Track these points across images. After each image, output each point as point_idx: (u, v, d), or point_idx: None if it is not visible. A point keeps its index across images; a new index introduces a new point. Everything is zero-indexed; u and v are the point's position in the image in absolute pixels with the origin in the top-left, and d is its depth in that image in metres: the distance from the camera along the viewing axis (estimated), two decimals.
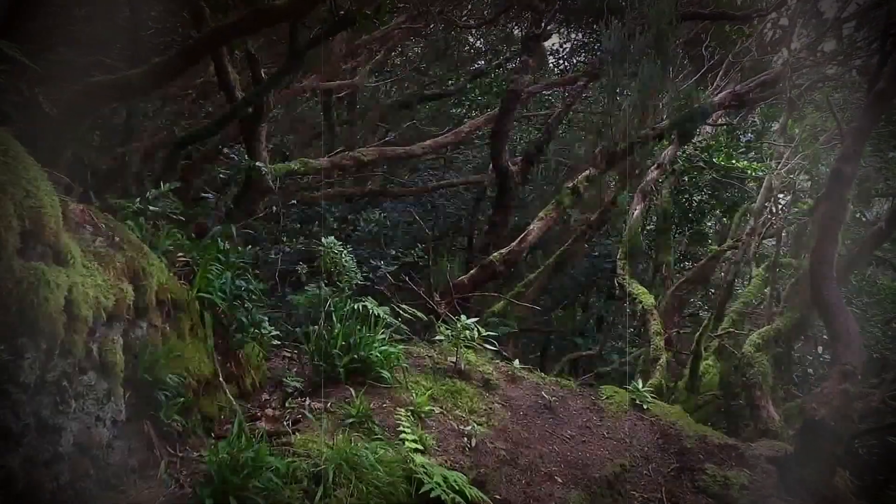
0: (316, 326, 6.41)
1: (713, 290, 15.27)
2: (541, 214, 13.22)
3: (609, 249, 15.79)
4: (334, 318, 6.60)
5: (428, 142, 15.15)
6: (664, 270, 14.25)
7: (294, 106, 17.33)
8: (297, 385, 6.13)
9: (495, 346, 7.94)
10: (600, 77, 15.01)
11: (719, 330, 9.77)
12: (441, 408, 6.58)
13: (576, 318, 17.27)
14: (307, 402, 5.83)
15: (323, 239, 6.90)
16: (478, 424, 6.46)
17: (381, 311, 6.74)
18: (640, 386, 8.37)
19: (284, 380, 6.21)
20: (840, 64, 11.02)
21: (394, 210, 15.18)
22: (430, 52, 19.25)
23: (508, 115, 13.12)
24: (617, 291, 16.59)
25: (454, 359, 7.50)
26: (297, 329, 6.80)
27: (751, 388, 8.43)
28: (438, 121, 19.48)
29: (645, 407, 8.04)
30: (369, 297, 7.31)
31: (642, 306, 10.80)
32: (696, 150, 15.00)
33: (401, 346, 7.12)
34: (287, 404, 5.76)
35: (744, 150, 13.68)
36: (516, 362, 8.51)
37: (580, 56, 17.93)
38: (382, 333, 6.75)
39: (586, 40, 17.29)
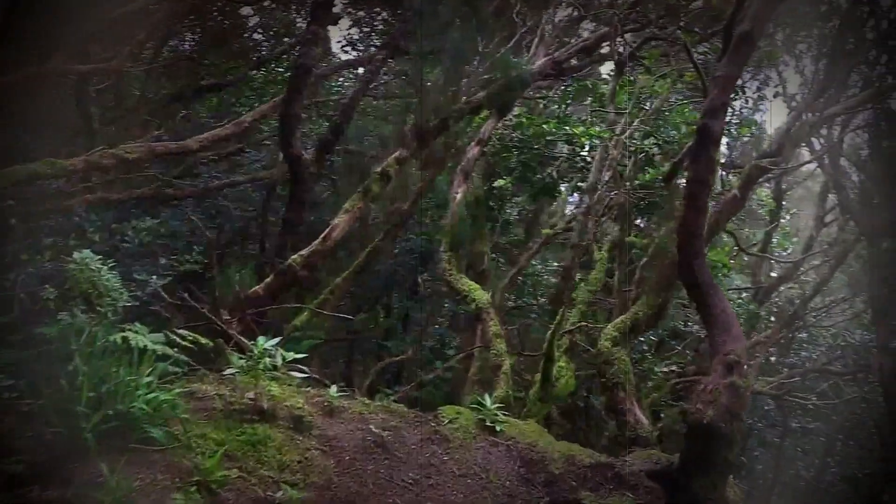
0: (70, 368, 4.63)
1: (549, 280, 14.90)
2: (346, 206, 11.87)
3: (413, 244, 14.89)
4: (78, 360, 4.78)
5: (205, 135, 13.16)
6: (482, 262, 13.52)
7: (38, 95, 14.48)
8: (17, 470, 4.21)
9: (305, 371, 6.46)
10: (402, 49, 14.03)
11: (567, 325, 9.08)
12: (240, 469, 5.01)
13: (380, 320, 16.33)
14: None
15: (75, 254, 5.72)
16: (291, 486, 5.00)
17: (149, 342, 5.04)
18: (489, 402, 7.32)
19: None
20: (669, 23, 10.94)
21: (172, 217, 13.14)
22: (207, 38, 17.15)
23: (298, 95, 11.57)
24: (422, 289, 15.99)
25: (253, 395, 5.88)
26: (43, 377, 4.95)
27: (612, 389, 7.76)
28: (222, 116, 17.56)
29: (497, 429, 7.11)
30: (136, 324, 5.57)
31: (475, 304, 9.85)
32: (506, 128, 14.46)
33: (178, 388, 5.37)
34: None
35: (561, 120, 13.25)
36: (333, 389, 7.13)
37: (378, 28, 16.93)
38: (151, 372, 5.01)
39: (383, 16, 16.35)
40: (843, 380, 12.76)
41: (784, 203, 14.87)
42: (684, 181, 7.04)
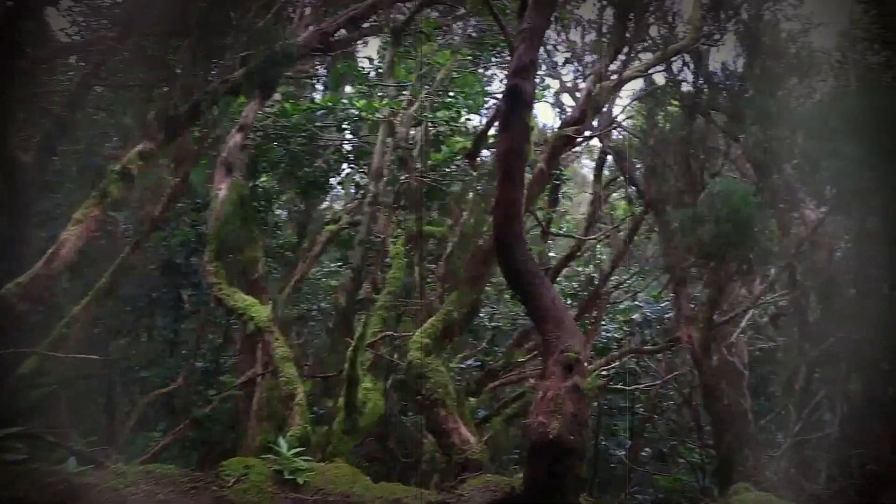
0: None
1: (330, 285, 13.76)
2: (76, 216, 9.83)
3: (171, 253, 13.17)
4: None
5: None
6: (257, 270, 12.12)
7: None
8: None
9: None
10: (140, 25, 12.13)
11: (369, 336, 8.03)
12: None
13: (140, 346, 14.50)
14: None
15: None
16: None
17: None
18: (284, 446, 6.11)
19: None
20: None
21: None
22: None
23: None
24: (188, 305, 14.28)
25: None
26: None
27: (431, 407, 6.85)
28: None
29: (300, 481, 5.87)
30: None
31: (254, 323, 8.48)
32: (269, 116, 13.12)
33: None
34: None
35: (332, 101, 12.19)
36: (71, 462, 5.51)
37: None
38: None
39: None
40: (651, 357, 13.08)
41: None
42: (495, 154, 6.31)
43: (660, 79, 11.56)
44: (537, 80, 9.46)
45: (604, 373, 11.00)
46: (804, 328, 11.21)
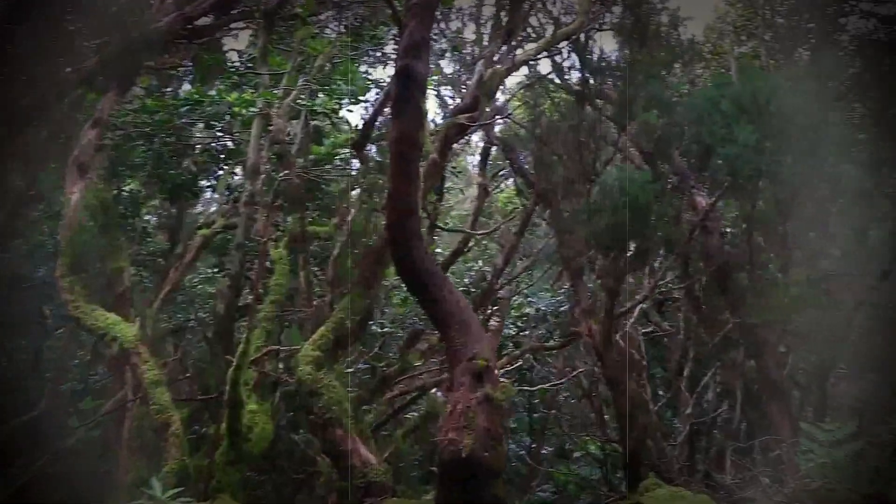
0: None
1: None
2: None
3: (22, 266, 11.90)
4: None
5: None
6: (122, 283, 11.04)
7: None
8: None
9: None
10: None
11: (252, 352, 7.25)
12: None
13: None
14: None
15: None
16: None
17: None
18: (158, 489, 5.37)
19: None
20: None
21: None
22: None
23: None
24: (50, 321, 12.95)
25: None
26: None
27: (325, 427, 6.22)
28: None
29: None
30: None
31: (120, 344, 7.53)
32: (127, 112, 11.96)
33: None
34: None
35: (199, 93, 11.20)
36: None
37: None
38: None
39: None
40: (552, 352, 12.87)
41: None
42: (387, 143, 5.73)
43: (548, 68, 11.33)
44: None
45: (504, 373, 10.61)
46: (699, 314, 11.28)
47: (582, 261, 11.00)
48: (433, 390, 9.74)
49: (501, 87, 9.94)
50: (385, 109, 8.10)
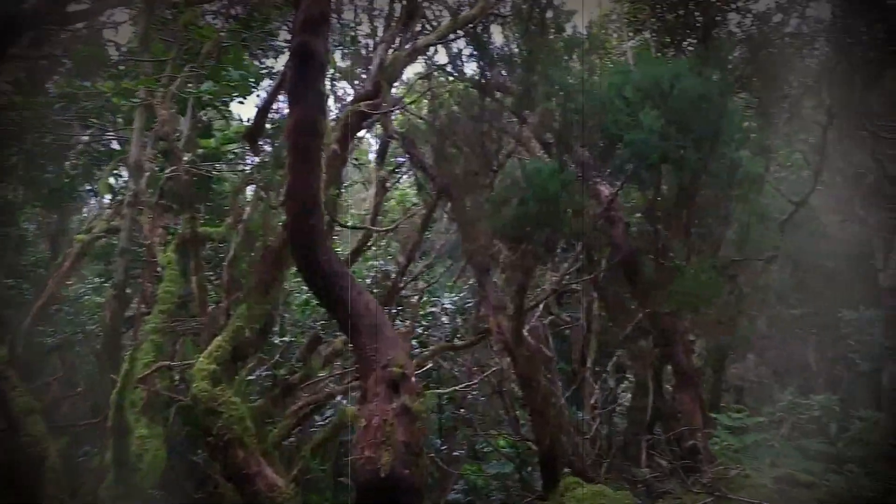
0: None
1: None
2: None
3: None
4: None
5: None
6: None
7: None
8: None
9: None
10: None
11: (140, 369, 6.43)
12: None
13: None
14: None
15: None
16: None
17: None
18: None
19: None
20: None
21: None
22: None
23: None
24: None
25: None
26: None
27: (226, 449, 5.54)
28: None
29: None
30: None
31: None
32: None
33: None
34: None
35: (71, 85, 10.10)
36: None
37: None
38: None
39: None
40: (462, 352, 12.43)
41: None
42: (284, 130, 5.09)
43: (446, 59, 10.89)
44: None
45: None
46: (605, 305, 11.11)
47: (487, 255, 10.64)
48: (339, 398, 9.09)
49: (401, 76, 9.41)
50: (280, 96, 7.42)
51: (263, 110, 7.14)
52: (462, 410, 12.27)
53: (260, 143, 7.85)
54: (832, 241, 14.26)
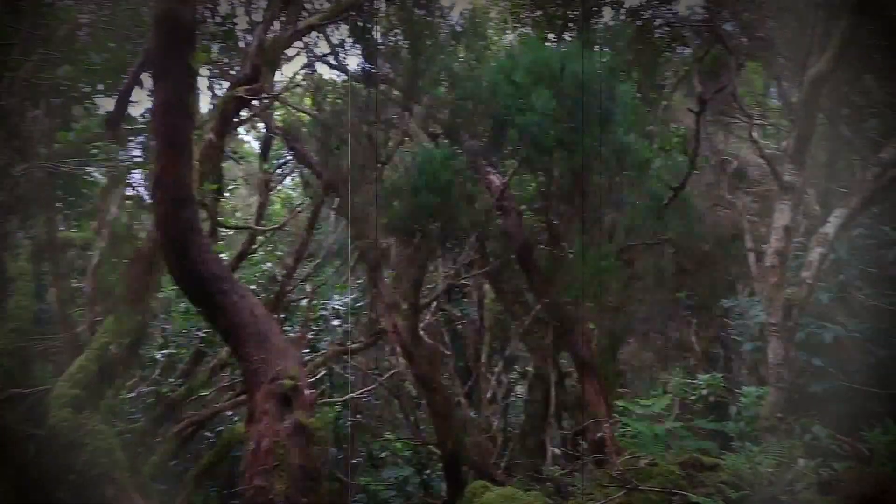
0: None
1: None
2: None
3: None
4: None
5: None
6: None
7: None
8: None
9: None
10: None
11: None
12: None
13: None
14: None
15: None
16: None
17: None
18: None
19: None
20: None
21: None
22: None
23: None
24: None
25: None
26: None
27: (94, 487, 4.71)
28: None
29: None
30: None
31: None
32: None
33: None
34: None
35: None
36: None
37: None
38: None
39: None
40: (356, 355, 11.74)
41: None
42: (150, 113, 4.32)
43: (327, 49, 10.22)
44: None
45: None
46: (502, 298, 10.77)
47: (379, 252, 10.09)
48: (230, 413, 8.24)
49: (282, 61, 8.63)
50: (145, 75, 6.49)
51: (125, 92, 6.24)
52: (359, 416, 11.63)
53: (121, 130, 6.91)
54: (705, 225, 14.57)
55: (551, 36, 12.45)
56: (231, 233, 13.82)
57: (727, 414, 10.66)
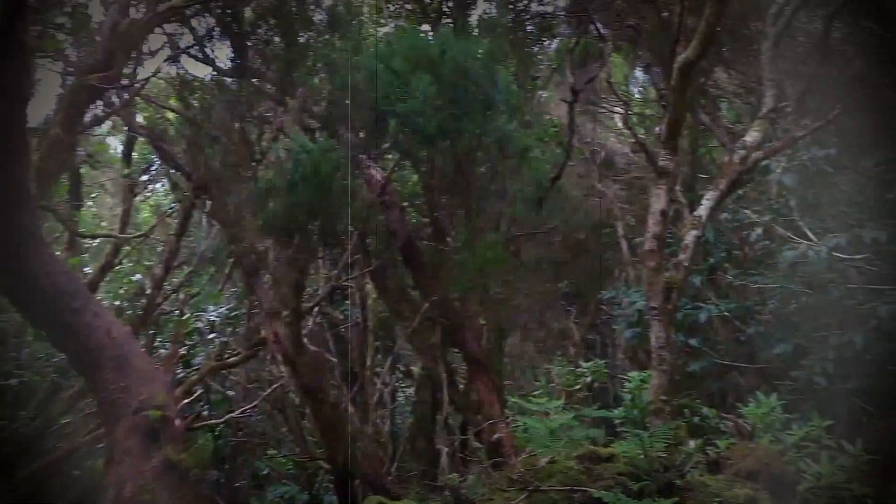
0: None
1: None
2: None
3: None
4: None
5: None
6: None
7: None
8: None
9: None
10: None
11: None
12: None
13: None
14: None
15: None
16: None
17: None
18: None
19: None
20: None
21: None
22: None
23: None
24: None
25: None
26: None
27: None
28: None
29: None
30: None
31: None
32: None
33: None
34: None
35: None
36: None
37: None
38: None
39: None
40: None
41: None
42: None
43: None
44: None
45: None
46: (387, 297, 10.24)
47: (256, 256, 9.35)
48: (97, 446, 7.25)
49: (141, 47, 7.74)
50: None
51: None
52: (240, 433, 10.77)
53: None
54: (579, 214, 14.70)
55: (426, 27, 12.12)
56: (95, 243, 12.69)
57: (608, 400, 10.66)
